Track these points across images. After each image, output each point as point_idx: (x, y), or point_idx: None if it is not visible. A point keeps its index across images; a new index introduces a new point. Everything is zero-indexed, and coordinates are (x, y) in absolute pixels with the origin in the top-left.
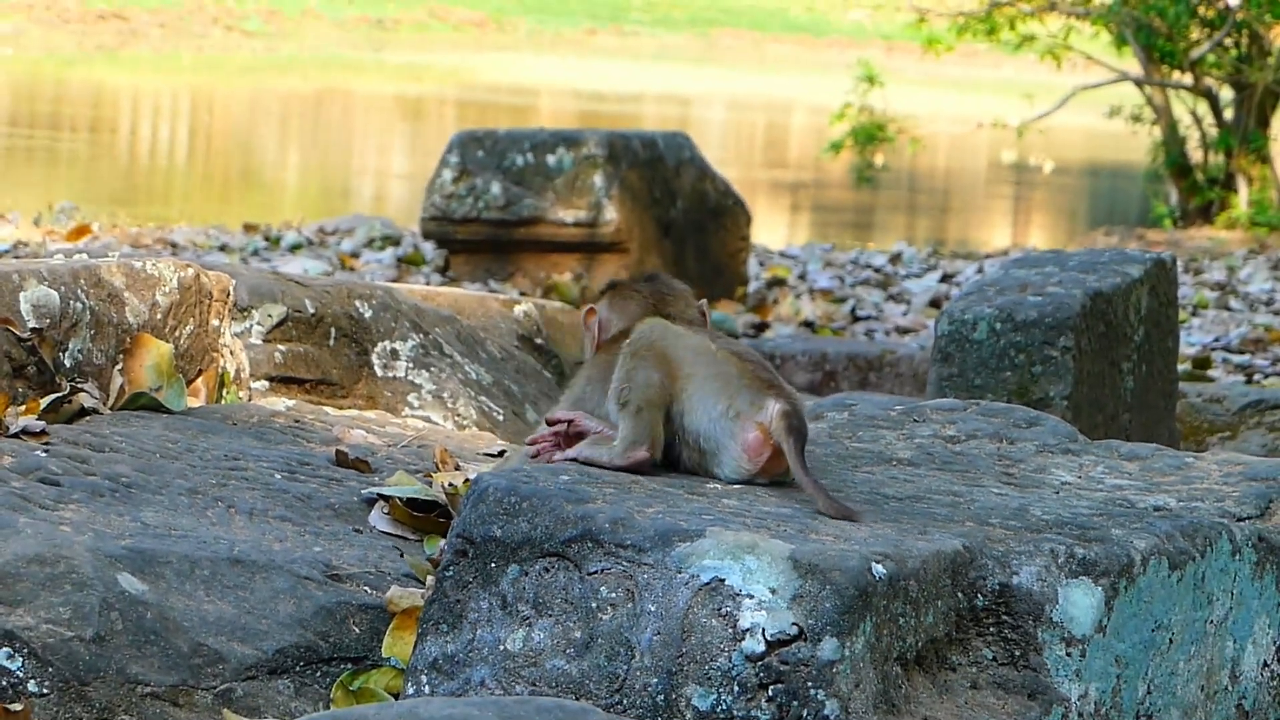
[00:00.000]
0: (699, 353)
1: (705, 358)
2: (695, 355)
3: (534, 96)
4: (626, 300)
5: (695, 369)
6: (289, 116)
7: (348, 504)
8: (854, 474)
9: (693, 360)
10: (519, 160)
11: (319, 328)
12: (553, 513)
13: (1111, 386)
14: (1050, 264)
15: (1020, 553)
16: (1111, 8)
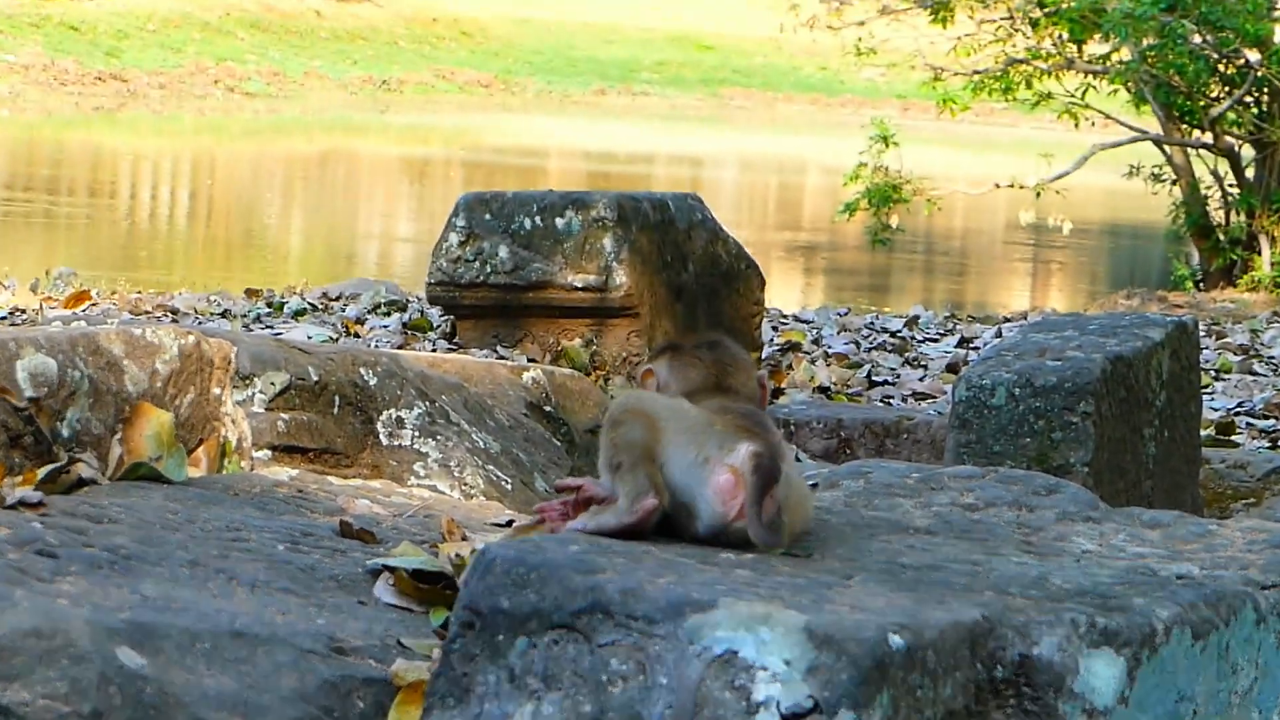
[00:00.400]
0: (675, 410)
1: (681, 413)
2: (672, 412)
3: (542, 158)
4: (688, 367)
5: (670, 423)
6: (292, 179)
7: (352, 575)
8: (870, 543)
9: (669, 416)
10: (527, 223)
11: (323, 396)
12: (561, 584)
13: (1133, 452)
14: (1070, 328)
15: (1041, 622)
16: (1129, 65)
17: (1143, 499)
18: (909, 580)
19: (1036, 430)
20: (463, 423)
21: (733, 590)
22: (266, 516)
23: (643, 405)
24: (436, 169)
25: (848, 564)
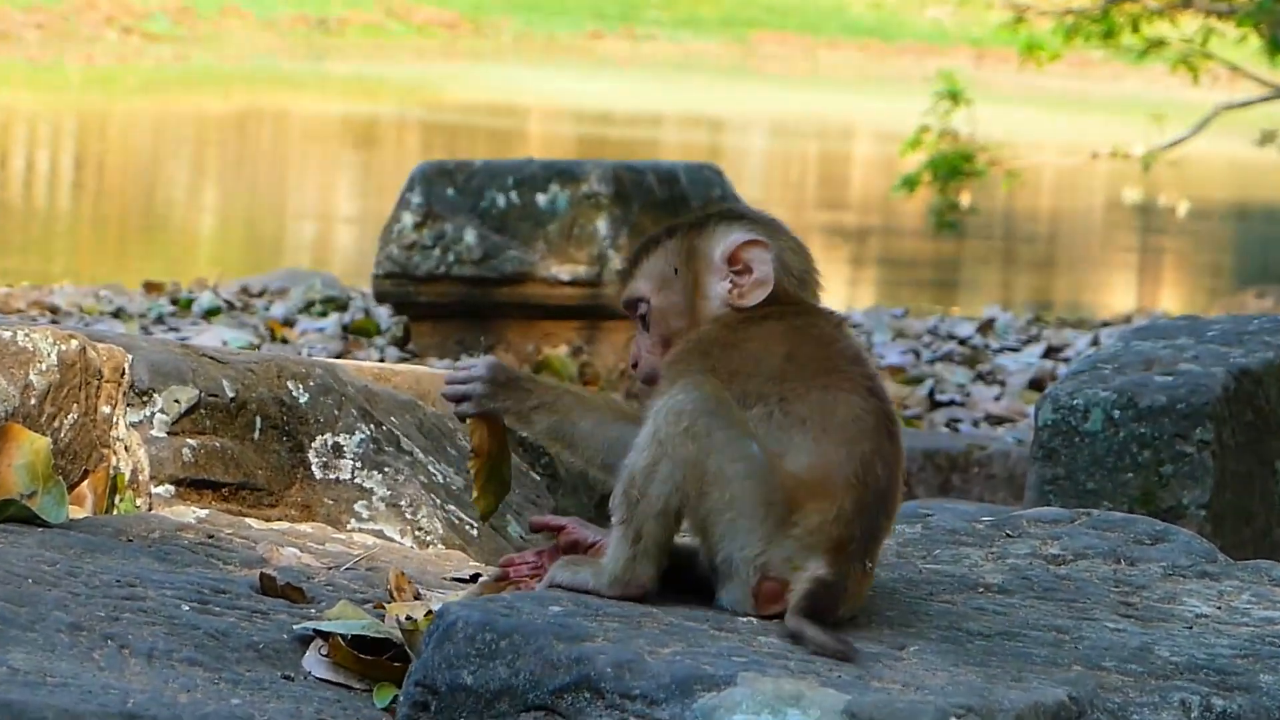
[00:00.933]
0: (750, 469)
1: (756, 477)
2: (744, 472)
3: (521, 118)
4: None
5: (735, 488)
6: (204, 145)
7: (275, 643)
8: (929, 604)
9: (736, 477)
10: (500, 200)
11: (240, 416)
12: (539, 654)
13: (1263, 491)
14: (1184, 334)
15: (1142, 704)
16: (1262, 5)
17: (1273, 549)
18: (977, 651)
19: (1141, 463)
20: (417, 451)
21: (756, 663)
22: (168, 569)
23: (710, 446)
24: (387, 132)
25: (900, 630)
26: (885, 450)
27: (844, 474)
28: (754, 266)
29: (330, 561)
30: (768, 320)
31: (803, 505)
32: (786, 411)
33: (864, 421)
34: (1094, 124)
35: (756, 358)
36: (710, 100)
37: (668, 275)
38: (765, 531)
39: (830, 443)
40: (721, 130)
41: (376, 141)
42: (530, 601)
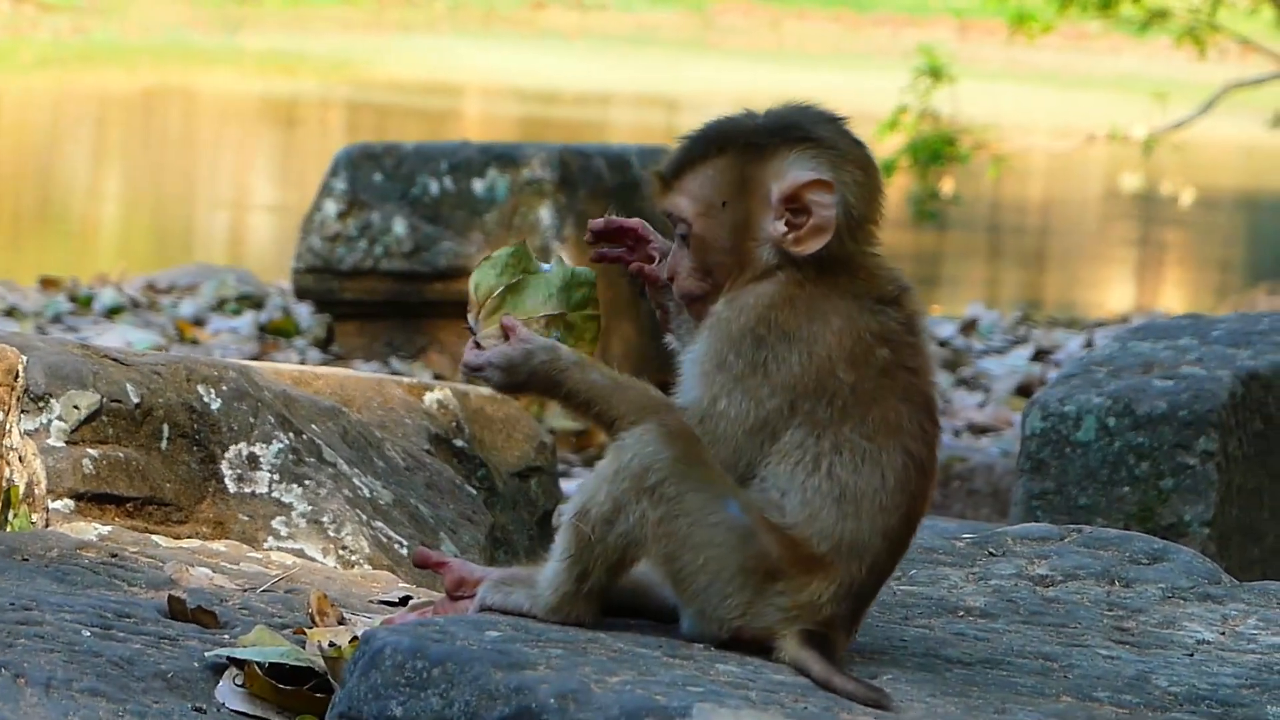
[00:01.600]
0: (727, 536)
1: (733, 545)
2: (720, 539)
3: (456, 97)
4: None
5: (709, 554)
6: (107, 126)
7: (185, 672)
8: (904, 629)
9: (710, 543)
10: (433, 187)
11: (146, 424)
12: (476, 683)
13: (1273, 507)
14: (1186, 334)
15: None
16: None
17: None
18: (956, 680)
19: (1138, 476)
20: (341, 462)
21: (713, 693)
22: (67, 591)
23: (682, 504)
24: (309, 112)
25: (873, 658)
26: (911, 518)
27: (856, 551)
28: (814, 210)
29: (245, 583)
30: (829, 301)
31: (798, 574)
32: (819, 456)
33: (899, 490)
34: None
35: (809, 364)
36: (665, 77)
37: (714, 204)
38: (745, 598)
39: (854, 513)
40: (678, 110)
41: (297, 123)
42: (465, 626)
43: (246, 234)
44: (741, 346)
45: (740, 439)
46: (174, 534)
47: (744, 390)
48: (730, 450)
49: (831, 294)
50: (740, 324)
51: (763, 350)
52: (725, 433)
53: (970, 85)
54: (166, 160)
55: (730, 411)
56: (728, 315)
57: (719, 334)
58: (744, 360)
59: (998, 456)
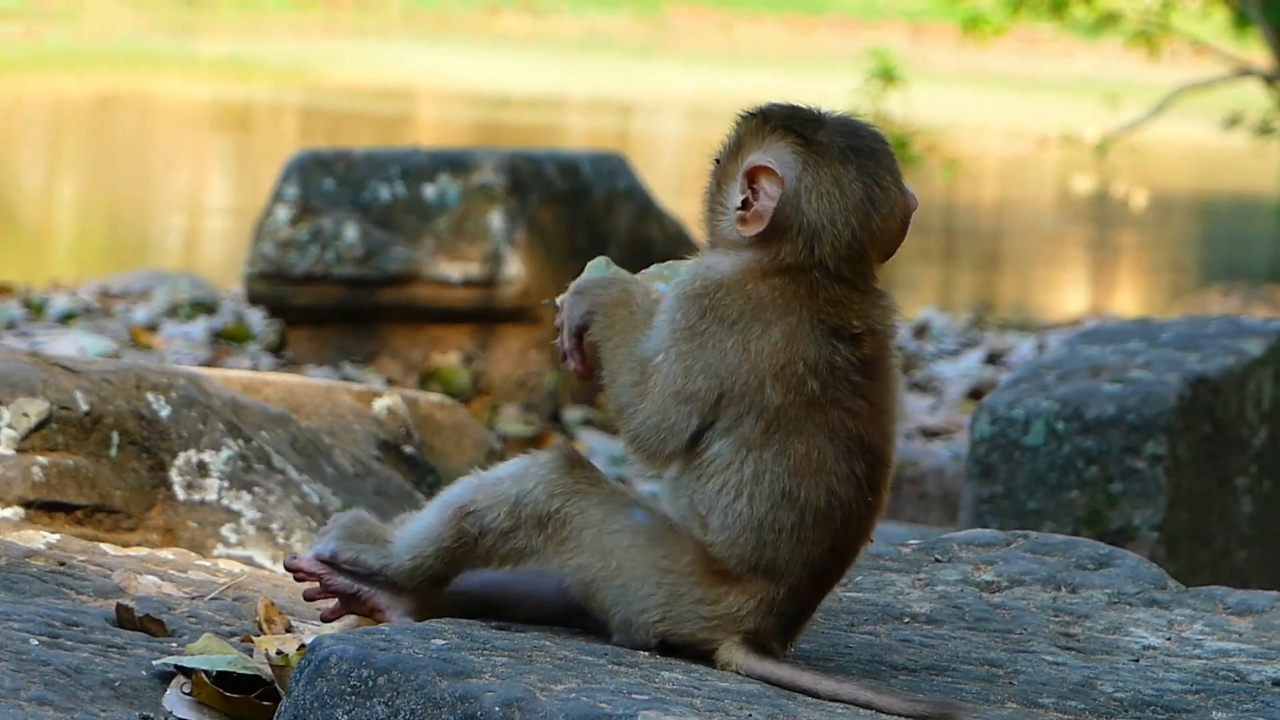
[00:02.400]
0: (635, 538)
1: (644, 545)
2: (629, 542)
3: (408, 102)
4: (823, 232)
5: (620, 558)
6: (59, 131)
7: (133, 680)
8: (849, 635)
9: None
10: (384, 193)
11: (95, 432)
12: (421, 692)
13: (1221, 511)
14: (1135, 338)
15: None
16: None
17: (1234, 574)
18: (901, 687)
19: (1087, 480)
20: (290, 469)
21: (659, 701)
22: (15, 599)
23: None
24: (261, 117)
25: (819, 664)
26: (841, 551)
27: (772, 575)
28: (759, 195)
29: (194, 591)
30: (778, 309)
31: (713, 583)
32: (741, 484)
33: (819, 527)
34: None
35: (740, 359)
36: (618, 81)
37: (714, 158)
38: (661, 599)
39: (773, 543)
40: (630, 114)
41: (249, 128)
42: (411, 634)
43: (199, 239)
44: (688, 310)
45: (668, 399)
46: (123, 542)
47: (678, 353)
48: (656, 408)
49: (786, 304)
50: (691, 289)
51: (703, 322)
52: (655, 386)
53: (922, 88)
54: (120, 165)
55: (663, 366)
56: (685, 279)
57: (676, 293)
58: (686, 324)
59: (949, 460)
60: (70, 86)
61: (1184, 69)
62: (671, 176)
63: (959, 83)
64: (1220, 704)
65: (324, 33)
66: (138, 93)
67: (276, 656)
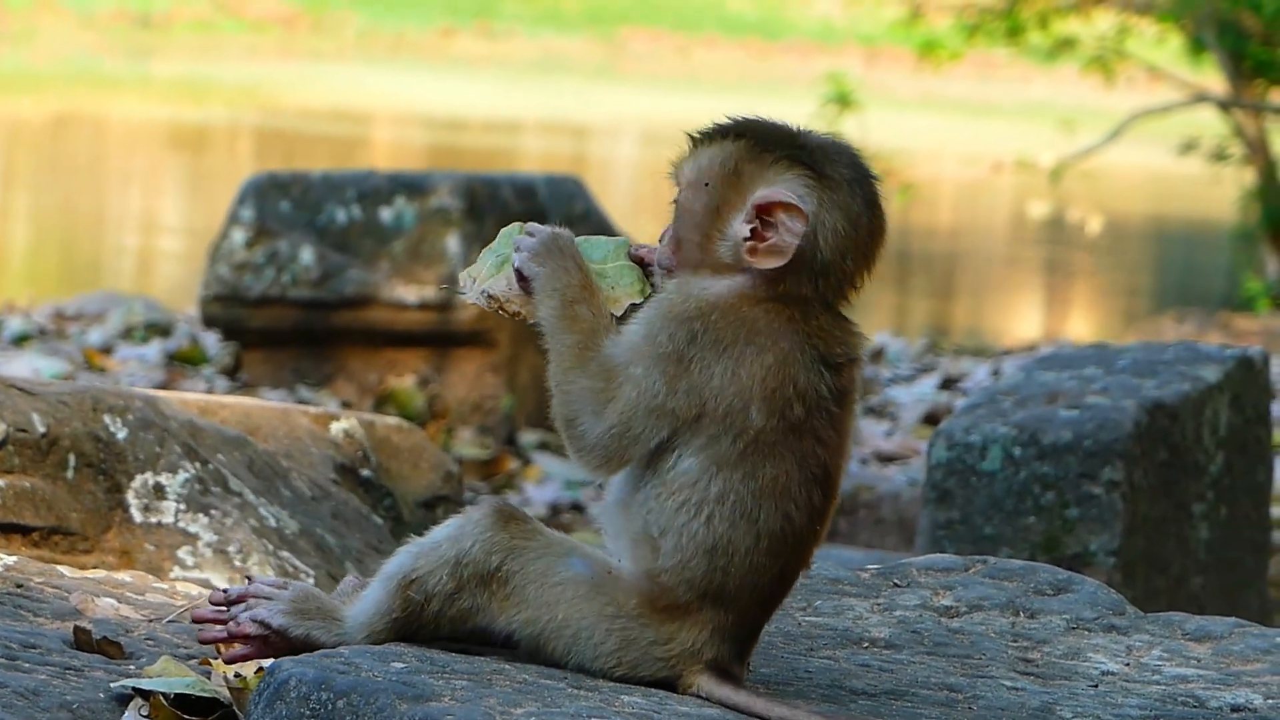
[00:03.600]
0: (577, 590)
1: (583, 589)
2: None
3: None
4: (831, 267)
5: (564, 610)
6: (14, 153)
7: (91, 703)
8: (808, 660)
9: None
10: (340, 215)
11: (52, 454)
12: (380, 715)
13: (1178, 537)
14: (1092, 363)
15: None
16: (1184, 0)
17: (1190, 600)
18: (861, 712)
19: (1044, 506)
20: (247, 492)
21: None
22: None
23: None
24: (217, 139)
25: (777, 689)
26: (785, 577)
27: (721, 603)
28: (780, 230)
29: (151, 613)
30: (772, 334)
31: (663, 622)
32: (703, 502)
33: (770, 554)
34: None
35: (728, 383)
36: (574, 104)
37: (702, 180)
38: (612, 646)
39: (724, 568)
40: (586, 138)
41: (205, 150)
42: (370, 658)
43: (154, 262)
44: (675, 331)
45: (639, 412)
46: (80, 564)
47: (661, 371)
48: (622, 416)
49: (780, 329)
50: (681, 309)
51: (693, 346)
52: (628, 396)
53: (878, 113)
54: (75, 187)
55: (642, 380)
56: (672, 298)
57: (659, 310)
58: (673, 345)
59: (904, 485)
60: (25, 108)
61: (1140, 95)
62: (628, 199)
63: (915, 107)
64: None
65: (280, 55)
66: (93, 114)
67: (235, 679)
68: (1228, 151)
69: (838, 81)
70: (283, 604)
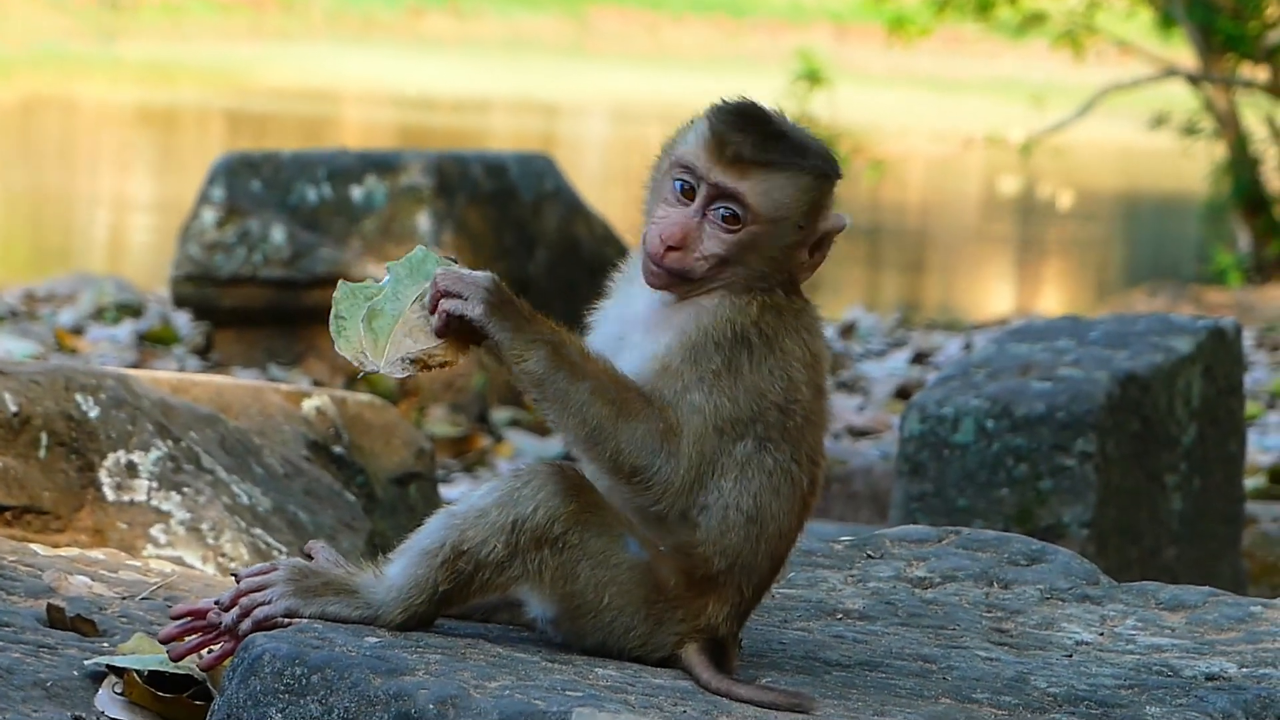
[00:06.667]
0: (630, 575)
1: (635, 581)
2: (624, 577)
3: (334, 104)
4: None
5: (612, 592)
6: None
7: (65, 680)
8: (783, 632)
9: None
10: (311, 194)
11: (24, 433)
12: (355, 689)
13: (1150, 508)
14: (1064, 336)
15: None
16: None
17: (1164, 571)
18: (835, 683)
19: (1017, 477)
20: (219, 470)
21: (592, 698)
22: None
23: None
24: (186, 120)
25: (753, 660)
26: (794, 542)
27: (747, 572)
28: (826, 250)
29: (124, 591)
30: (802, 319)
31: (694, 598)
32: (751, 477)
33: (793, 515)
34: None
35: (783, 375)
36: (543, 83)
37: (789, 218)
38: (647, 629)
39: (758, 536)
40: (556, 116)
41: (175, 131)
42: (345, 632)
43: (125, 242)
44: (724, 347)
45: (710, 434)
46: (52, 542)
47: (720, 389)
48: (697, 446)
49: (803, 313)
50: (722, 330)
51: (743, 353)
52: (696, 426)
53: (848, 89)
54: (45, 170)
55: (705, 405)
56: (709, 318)
57: (696, 329)
58: (723, 359)
59: (877, 459)
60: None
61: (1110, 69)
62: (598, 177)
63: (885, 84)
64: (1154, 699)
65: (249, 36)
66: (62, 97)
67: (209, 655)
68: (1198, 126)
69: (807, 58)
70: (281, 588)
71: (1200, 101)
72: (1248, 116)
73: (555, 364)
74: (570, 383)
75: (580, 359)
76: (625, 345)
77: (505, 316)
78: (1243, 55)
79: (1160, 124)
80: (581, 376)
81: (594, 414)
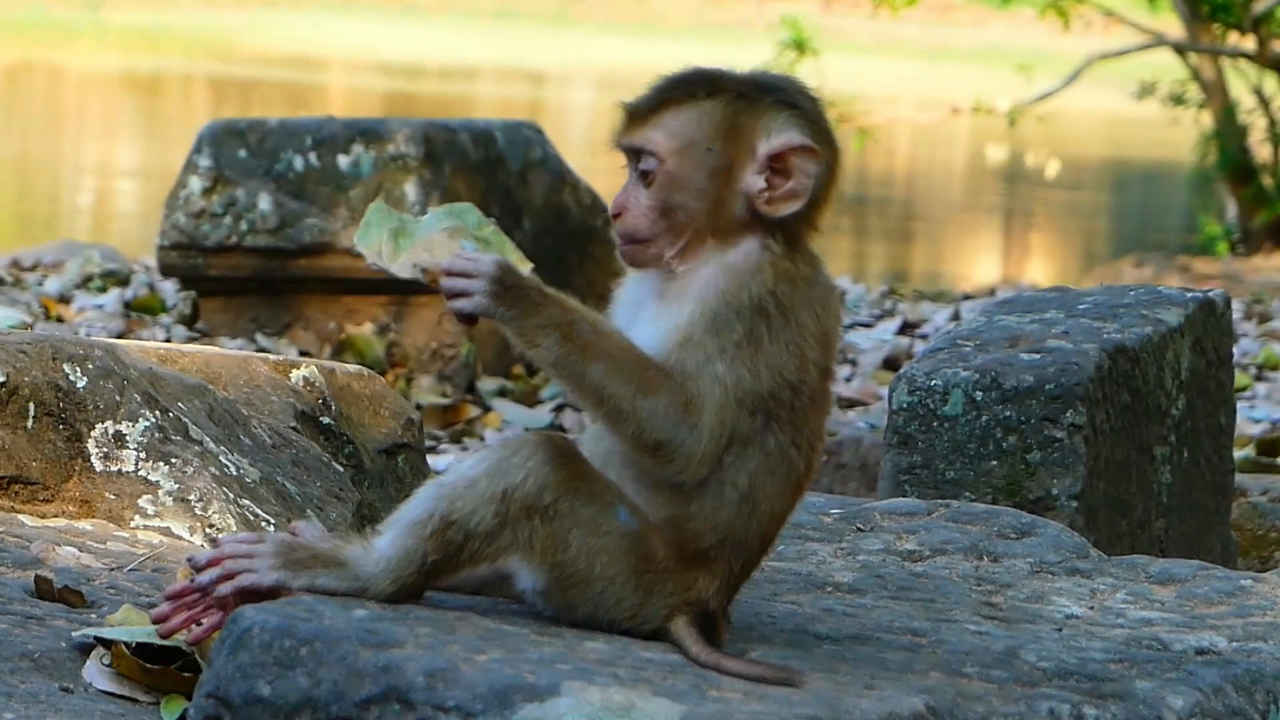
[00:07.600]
0: (620, 544)
1: (626, 550)
2: (614, 545)
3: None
4: (822, 207)
5: (603, 561)
6: None
7: (52, 652)
8: (772, 605)
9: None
10: (298, 163)
11: (11, 403)
12: (343, 662)
13: (1141, 480)
14: (1053, 307)
15: (1007, 714)
16: None
17: (1153, 544)
18: (825, 656)
19: (1006, 450)
20: (207, 440)
21: (582, 671)
22: None
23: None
24: (172, 88)
25: (742, 634)
26: (785, 521)
27: (737, 549)
28: (795, 174)
29: (112, 562)
30: (816, 287)
31: (684, 570)
32: (752, 456)
33: (786, 496)
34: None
35: (798, 346)
36: (530, 51)
37: (696, 144)
38: (636, 600)
39: (750, 514)
40: (543, 84)
41: (161, 98)
42: (333, 605)
43: (111, 211)
44: (745, 315)
45: (731, 406)
46: (40, 513)
47: (742, 360)
48: (719, 418)
49: (815, 278)
50: (742, 294)
51: (762, 323)
52: (717, 398)
53: (835, 58)
54: (29, 137)
55: (727, 377)
56: (725, 283)
57: (715, 297)
58: (744, 329)
59: (865, 431)
60: None
61: (1096, 38)
62: (585, 145)
63: (871, 52)
64: (1144, 673)
65: (235, 2)
66: (48, 64)
67: (197, 629)
68: (1185, 95)
69: (793, 26)
70: (268, 559)
71: (1187, 71)
72: (1235, 86)
73: (567, 347)
74: (585, 364)
75: (594, 337)
76: (643, 316)
77: (513, 304)
78: (1230, 24)
79: (1147, 93)
80: (595, 357)
81: (612, 393)
